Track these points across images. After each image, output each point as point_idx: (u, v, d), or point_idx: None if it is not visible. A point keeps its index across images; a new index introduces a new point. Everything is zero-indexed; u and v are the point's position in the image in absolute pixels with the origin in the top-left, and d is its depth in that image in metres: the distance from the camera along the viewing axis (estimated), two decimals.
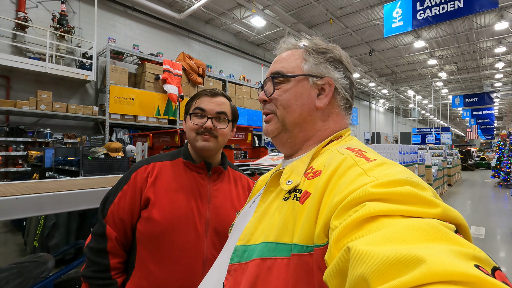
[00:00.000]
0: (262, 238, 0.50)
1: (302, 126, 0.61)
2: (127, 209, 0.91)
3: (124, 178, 0.96)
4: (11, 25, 6.16)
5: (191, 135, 0.98)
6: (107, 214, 0.91)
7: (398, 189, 0.36)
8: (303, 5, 9.76)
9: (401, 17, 6.77)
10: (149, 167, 0.97)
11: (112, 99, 6.70)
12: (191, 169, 0.99)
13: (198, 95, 1.01)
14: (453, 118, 35.11)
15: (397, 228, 0.31)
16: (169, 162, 1.00)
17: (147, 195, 0.92)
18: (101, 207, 0.94)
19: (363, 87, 20.47)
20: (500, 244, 4.23)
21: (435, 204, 0.34)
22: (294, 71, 0.63)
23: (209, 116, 0.97)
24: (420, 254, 0.26)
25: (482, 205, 7.02)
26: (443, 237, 0.29)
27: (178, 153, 1.04)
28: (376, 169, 0.42)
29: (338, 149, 0.52)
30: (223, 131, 0.99)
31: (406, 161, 5.35)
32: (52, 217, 2.82)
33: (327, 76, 0.62)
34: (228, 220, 0.94)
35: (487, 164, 18.98)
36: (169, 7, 9.30)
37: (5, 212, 1.06)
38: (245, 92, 10.37)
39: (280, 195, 0.54)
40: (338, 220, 0.37)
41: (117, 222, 0.91)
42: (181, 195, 0.94)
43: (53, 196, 1.17)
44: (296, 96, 0.62)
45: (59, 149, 4.41)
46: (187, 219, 0.91)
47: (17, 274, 0.98)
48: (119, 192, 0.93)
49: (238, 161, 3.95)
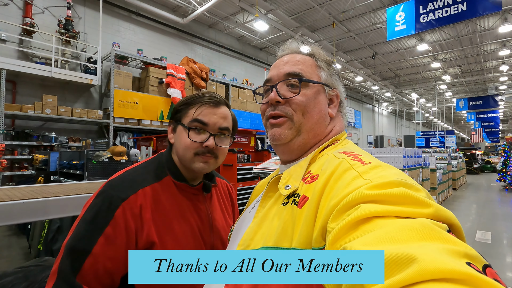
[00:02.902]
0: (261, 243, 0.51)
1: (315, 132, 0.62)
2: (118, 258, 0.68)
3: (101, 215, 0.69)
4: (17, 30, 6.26)
5: (187, 155, 0.80)
6: (81, 268, 0.64)
7: (391, 190, 0.37)
8: (306, 9, 9.80)
9: (404, 21, 6.77)
10: (139, 198, 0.73)
11: (116, 103, 6.76)
12: (186, 191, 0.83)
13: (195, 102, 0.82)
14: (457, 121, 34.86)
15: (390, 229, 0.31)
16: (158, 184, 0.79)
17: (150, 238, 0.71)
18: (67, 261, 0.65)
19: (366, 90, 20.43)
20: (507, 249, 4.16)
21: (427, 205, 0.35)
22: (312, 77, 0.63)
23: (211, 133, 0.80)
24: (412, 253, 0.26)
25: (488, 209, 6.93)
26: (435, 236, 0.30)
27: (161, 168, 0.83)
28: (371, 171, 0.43)
29: (334, 153, 0.52)
30: (224, 150, 0.84)
31: (410, 165, 5.31)
32: (56, 221, 2.84)
33: (336, 88, 0.66)
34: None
35: (492, 167, 18.77)
36: (172, 12, 9.40)
37: (13, 216, 1.07)
38: (248, 95, 10.41)
39: (279, 200, 0.55)
40: (335, 223, 0.38)
41: (102, 276, 0.66)
42: (185, 228, 0.79)
43: (59, 201, 1.18)
44: (315, 102, 0.62)
45: (63, 153, 4.44)
46: None
47: (22, 278, 0.99)
48: (98, 237, 0.67)
49: (241, 165, 3.95)
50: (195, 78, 8.46)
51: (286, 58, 0.65)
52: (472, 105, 18.04)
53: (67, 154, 4.40)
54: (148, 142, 5.58)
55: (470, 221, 5.69)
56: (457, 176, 10.50)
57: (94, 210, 0.70)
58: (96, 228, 0.68)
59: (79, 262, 0.65)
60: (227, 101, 0.89)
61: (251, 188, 3.93)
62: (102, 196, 0.72)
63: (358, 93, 20.65)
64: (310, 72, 0.63)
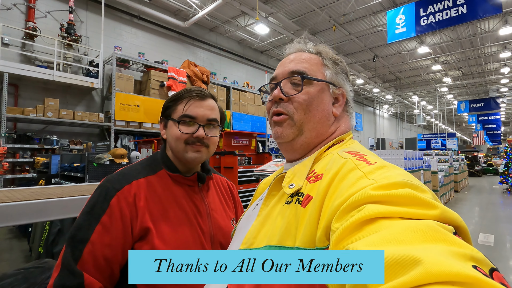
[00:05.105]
0: (265, 241, 0.50)
1: (318, 131, 0.61)
2: (115, 245, 0.71)
3: (98, 205, 0.73)
4: (20, 34, 6.31)
5: (179, 146, 0.83)
6: (81, 256, 0.67)
7: (397, 191, 0.37)
8: (306, 12, 9.85)
9: (404, 23, 6.78)
10: (133, 188, 0.77)
11: (117, 106, 6.78)
12: (181, 183, 0.86)
13: (183, 97, 0.86)
14: (459, 123, 34.79)
15: (395, 230, 0.31)
16: (153, 177, 0.83)
17: (144, 224, 0.74)
18: (68, 250, 0.69)
19: (367, 93, 20.44)
20: (510, 251, 4.13)
21: (433, 206, 0.35)
22: (317, 75, 0.62)
23: (200, 124, 0.84)
24: (417, 255, 0.26)
25: (491, 211, 6.89)
26: (441, 238, 0.29)
27: (156, 163, 0.87)
28: (376, 172, 0.43)
29: (339, 153, 0.52)
30: (214, 139, 0.88)
31: (411, 167, 5.29)
32: (57, 223, 2.84)
33: (342, 87, 0.64)
34: (229, 231, 0.88)
35: (494, 170, 18.69)
36: (174, 16, 9.46)
37: (12, 218, 1.07)
38: (249, 98, 10.43)
39: (283, 198, 0.54)
40: (339, 223, 0.37)
41: (101, 264, 0.69)
42: (180, 215, 0.81)
43: (58, 202, 1.18)
44: (318, 101, 0.61)
45: (65, 156, 4.45)
46: (194, 242, 0.80)
47: (22, 280, 0.98)
48: (95, 225, 0.70)
49: (242, 167, 3.95)
50: (196, 81, 8.49)
51: (292, 57, 0.65)
52: (473, 108, 18.00)
53: (68, 157, 4.41)
54: (149, 145, 5.59)
55: (472, 224, 5.65)
56: (459, 179, 10.45)
57: (92, 202, 0.75)
58: (93, 217, 0.72)
59: (79, 250, 0.68)
60: (214, 95, 0.92)
61: (252, 190, 3.92)
62: (99, 189, 0.76)
63: (359, 95, 20.66)
64: (314, 70, 0.62)
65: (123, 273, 0.74)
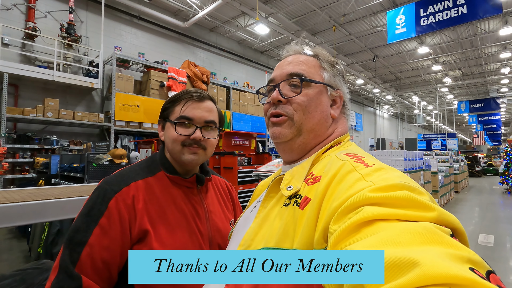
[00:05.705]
0: (262, 243, 0.50)
1: (316, 132, 0.61)
2: (113, 248, 0.70)
3: (96, 207, 0.72)
4: (20, 34, 6.31)
5: (175, 147, 0.83)
6: (79, 259, 0.67)
7: (394, 193, 0.37)
8: (306, 12, 9.85)
9: (404, 24, 6.78)
10: (131, 190, 0.76)
11: (117, 106, 6.78)
12: (179, 184, 0.85)
13: (181, 99, 0.86)
14: (459, 124, 34.80)
15: (393, 232, 0.31)
16: (151, 178, 0.82)
17: (142, 226, 0.73)
18: (65, 252, 0.68)
19: (367, 93, 20.45)
20: (510, 252, 4.12)
21: (431, 208, 0.35)
22: (315, 77, 0.63)
23: (197, 125, 0.83)
24: (414, 257, 0.26)
25: (491, 212, 6.88)
26: (438, 240, 0.29)
27: (154, 164, 0.87)
28: (374, 174, 0.43)
29: (337, 155, 0.52)
30: (212, 141, 0.87)
31: (411, 168, 5.29)
32: (56, 224, 2.83)
33: (340, 89, 0.65)
34: (227, 233, 0.88)
35: (494, 170, 18.69)
36: (174, 16, 9.46)
37: (10, 219, 1.06)
38: (249, 98, 10.43)
39: (281, 200, 0.55)
40: (337, 225, 0.37)
41: (99, 267, 0.68)
42: (179, 217, 0.80)
43: (57, 203, 1.18)
44: (317, 102, 0.61)
45: (64, 156, 4.45)
46: (193, 245, 0.79)
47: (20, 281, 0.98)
48: (93, 227, 0.70)
49: (242, 168, 3.94)
50: (196, 81, 8.49)
51: (289, 59, 0.66)
52: (473, 108, 18.01)
53: (68, 157, 4.41)
54: (149, 145, 5.59)
55: (472, 224, 5.64)
56: (459, 179, 10.45)
57: (90, 204, 0.74)
58: (91, 219, 0.71)
59: (77, 253, 0.67)
60: (213, 97, 0.91)
61: (251, 191, 3.92)
62: (97, 191, 0.75)
63: (359, 96, 20.67)
64: (312, 72, 0.63)
65: (121, 276, 0.73)
